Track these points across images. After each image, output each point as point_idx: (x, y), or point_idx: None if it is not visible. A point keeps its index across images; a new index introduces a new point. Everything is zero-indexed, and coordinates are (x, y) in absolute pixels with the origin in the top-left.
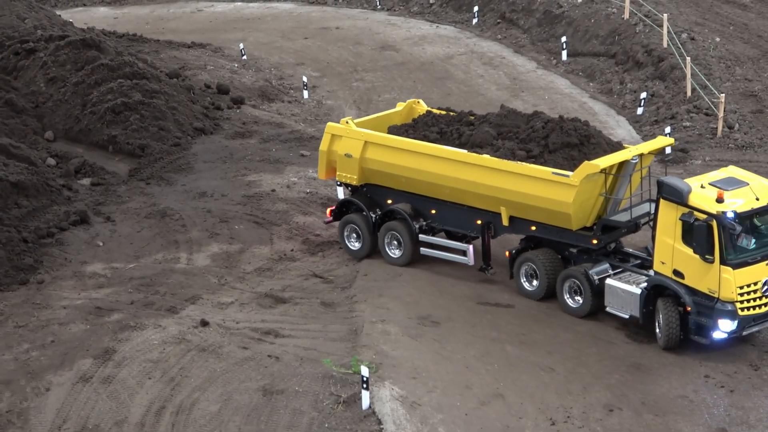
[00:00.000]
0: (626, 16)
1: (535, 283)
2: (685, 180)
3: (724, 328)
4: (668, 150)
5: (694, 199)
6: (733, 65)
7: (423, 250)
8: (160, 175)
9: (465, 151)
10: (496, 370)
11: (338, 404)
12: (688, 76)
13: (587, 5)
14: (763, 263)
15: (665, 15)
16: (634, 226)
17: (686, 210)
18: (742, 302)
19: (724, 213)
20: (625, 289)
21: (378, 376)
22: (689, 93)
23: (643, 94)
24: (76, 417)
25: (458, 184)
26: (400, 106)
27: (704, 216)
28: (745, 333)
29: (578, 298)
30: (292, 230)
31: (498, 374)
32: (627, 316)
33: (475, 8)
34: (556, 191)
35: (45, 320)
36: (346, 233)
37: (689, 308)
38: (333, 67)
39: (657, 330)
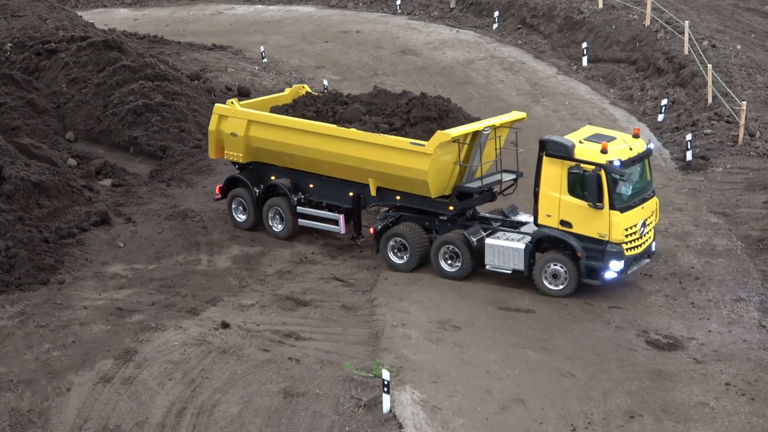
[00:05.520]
0: (647, 22)
1: (405, 256)
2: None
3: (614, 268)
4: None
5: (580, 153)
6: (754, 73)
7: (300, 221)
8: (180, 176)
9: (334, 126)
10: (516, 375)
11: (359, 408)
12: (709, 83)
13: (608, 11)
14: (639, 207)
15: (686, 22)
16: (490, 195)
17: (573, 163)
18: (627, 243)
19: (611, 162)
20: (507, 246)
21: (399, 379)
22: (710, 100)
23: (664, 101)
24: (97, 417)
25: (331, 157)
26: (286, 91)
27: (592, 167)
28: (629, 273)
29: (455, 262)
30: (312, 233)
31: (518, 379)
32: (510, 271)
33: (496, 13)
34: (414, 160)
35: (66, 320)
36: (233, 206)
37: (580, 254)
38: (353, 70)
39: (543, 280)
